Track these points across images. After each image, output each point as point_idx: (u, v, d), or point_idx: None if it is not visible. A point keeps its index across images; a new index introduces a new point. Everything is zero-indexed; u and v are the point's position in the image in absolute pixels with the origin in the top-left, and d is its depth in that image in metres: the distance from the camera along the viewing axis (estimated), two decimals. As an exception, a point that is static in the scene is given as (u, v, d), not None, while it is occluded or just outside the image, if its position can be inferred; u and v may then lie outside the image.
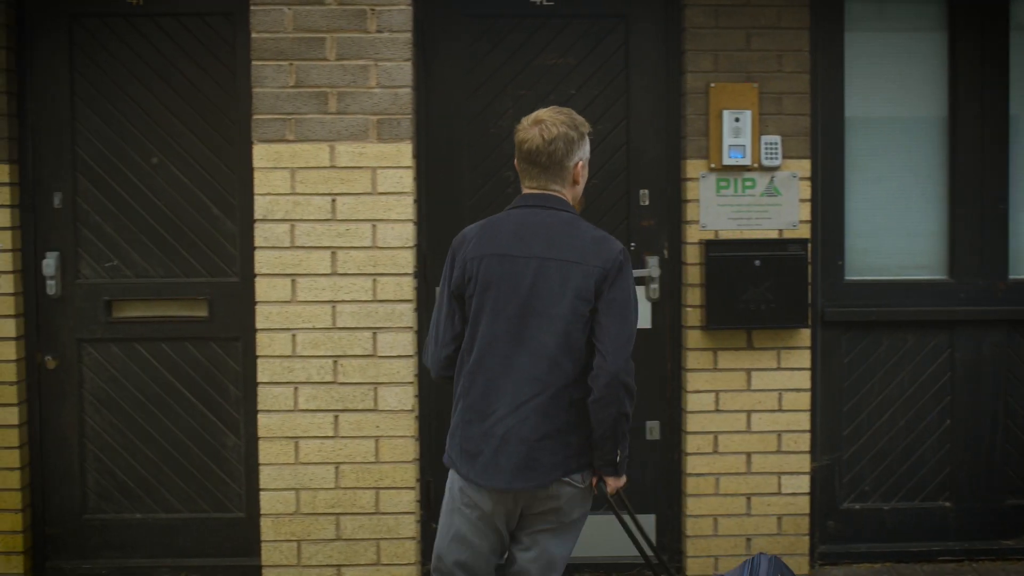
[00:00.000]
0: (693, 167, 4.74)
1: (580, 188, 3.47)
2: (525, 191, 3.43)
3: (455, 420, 3.39)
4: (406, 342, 4.48)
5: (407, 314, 4.47)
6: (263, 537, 4.52)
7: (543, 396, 3.27)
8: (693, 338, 4.77)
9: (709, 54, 4.71)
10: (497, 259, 3.33)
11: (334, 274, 4.46)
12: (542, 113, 3.39)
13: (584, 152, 3.42)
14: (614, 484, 3.38)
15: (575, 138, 3.37)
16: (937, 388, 5.03)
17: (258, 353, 4.48)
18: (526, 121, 3.40)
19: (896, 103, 4.98)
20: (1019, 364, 5.04)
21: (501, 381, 3.31)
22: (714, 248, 4.68)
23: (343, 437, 4.50)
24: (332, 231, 4.45)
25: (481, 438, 3.31)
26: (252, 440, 4.82)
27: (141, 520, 4.94)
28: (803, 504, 4.84)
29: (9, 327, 4.72)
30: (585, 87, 4.87)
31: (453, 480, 3.42)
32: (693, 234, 4.75)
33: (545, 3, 4.85)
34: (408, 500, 4.52)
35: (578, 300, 3.26)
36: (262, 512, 4.52)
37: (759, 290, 4.68)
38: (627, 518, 3.57)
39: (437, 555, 3.47)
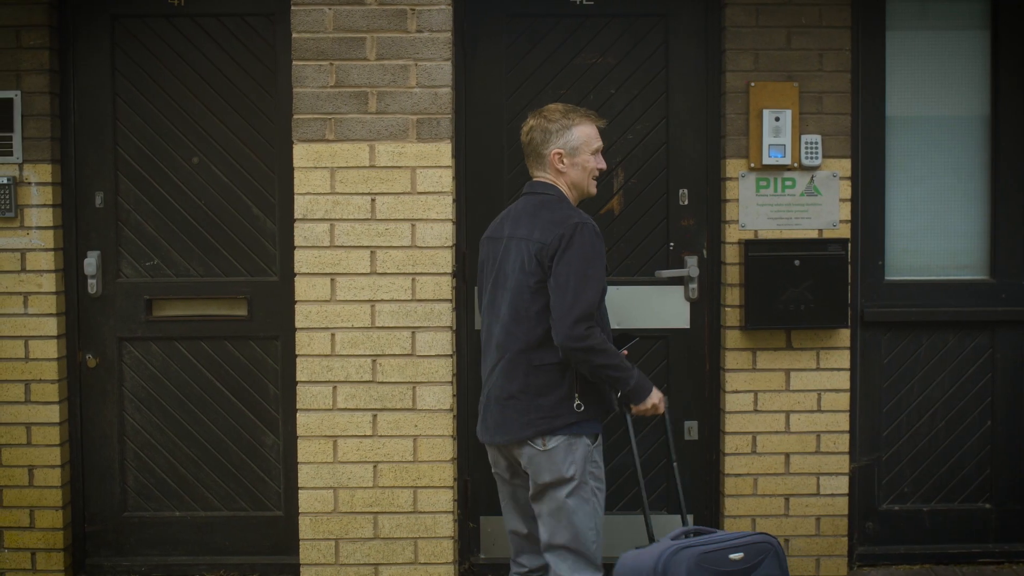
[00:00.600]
0: (733, 166, 4.72)
1: (572, 176, 3.85)
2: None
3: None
4: (444, 341, 4.48)
5: (446, 313, 4.48)
6: (301, 535, 4.54)
7: (504, 360, 3.76)
8: (732, 338, 4.75)
9: (749, 53, 4.69)
10: (487, 241, 3.95)
11: (373, 273, 4.47)
12: (537, 110, 3.91)
13: (563, 143, 3.80)
14: (636, 409, 3.81)
15: (552, 130, 3.80)
16: (978, 389, 4.99)
17: (297, 352, 4.50)
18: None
19: (937, 102, 4.95)
20: (1061, 365, 5.01)
21: (486, 348, 3.88)
22: (753, 248, 4.66)
23: (381, 436, 4.51)
24: (371, 230, 4.46)
25: (482, 400, 3.91)
26: (291, 439, 4.85)
27: (180, 518, 4.97)
28: (842, 505, 4.81)
29: (51, 326, 4.76)
30: (624, 87, 4.86)
31: None
32: (732, 234, 4.73)
33: (585, 2, 4.85)
34: (446, 499, 4.53)
35: (522, 273, 3.70)
36: (300, 511, 4.53)
37: (798, 290, 4.65)
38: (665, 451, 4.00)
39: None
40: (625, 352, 4.03)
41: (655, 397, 3.82)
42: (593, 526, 3.78)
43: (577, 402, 3.73)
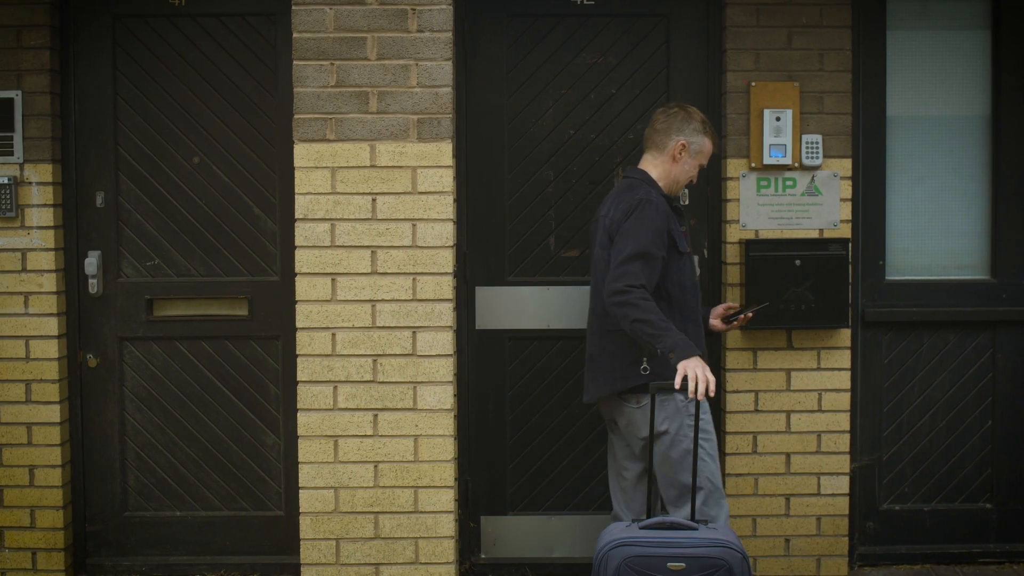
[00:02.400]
0: (733, 166, 4.72)
1: (676, 172, 4.13)
2: None
3: None
4: (445, 341, 4.48)
5: (446, 313, 4.48)
6: (302, 535, 4.54)
7: (591, 325, 4.12)
8: (732, 338, 4.75)
9: (750, 53, 4.69)
10: (592, 222, 4.25)
11: (374, 273, 4.47)
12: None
13: (692, 140, 4.10)
14: (681, 369, 3.73)
15: (691, 126, 4.10)
16: (978, 389, 4.99)
17: (298, 352, 4.50)
18: None
19: (938, 102, 4.95)
20: (1062, 365, 5.01)
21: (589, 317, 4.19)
22: (754, 248, 4.66)
23: (382, 436, 4.51)
24: (372, 230, 4.46)
25: None
26: (291, 438, 4.85)
27: (181, 518, 4.97)
28: (842, 505, 4.81)
29: (51, 326, 4.76)
30: (626, 86, 4.87)
31: None
32: (733, 233, 4.73)
33: (586, 2, 4.85)
34: (446, 499, 4.53)
35: (600, 248, 4.02)
36: (301, 510, 4.53)
37: (799, 290, 4.65)
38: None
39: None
40: (750, 315, 4.35)
41: (695, 364, 3.71)
42: (699, 475, 3.93)
43: (644, 366, 3.96)
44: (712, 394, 3.68)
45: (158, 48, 4.84)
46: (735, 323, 4.43)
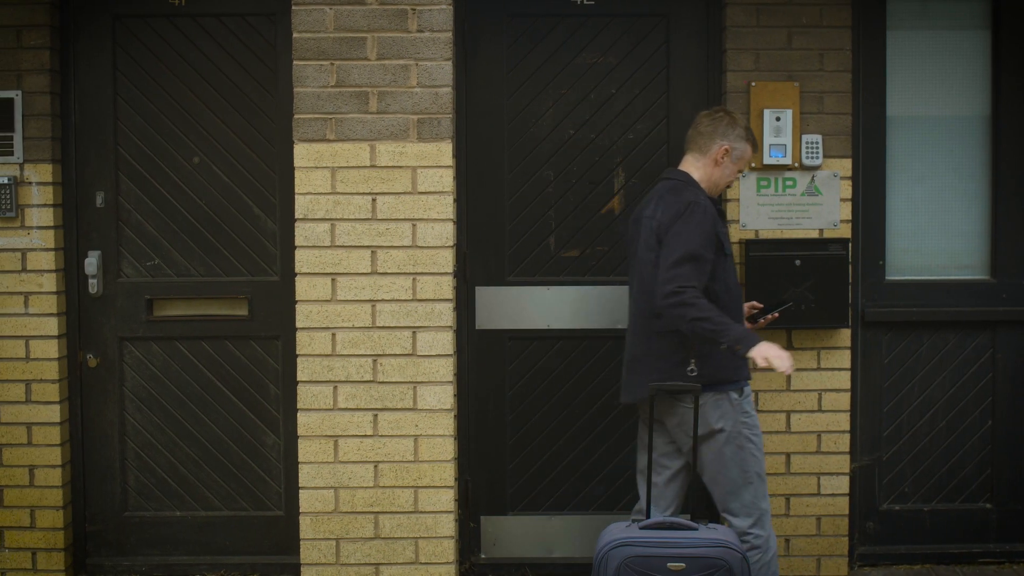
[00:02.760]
0: (733, 166, 4.72)
1: (717, 175, 4.13)
2: None
3: None
4: (445, 341, 4.48)
5: (446, 313, 4.48)
6: (302, 535, 4.54)
7: (634, 325, 4.12)
8: (733, 338, 4.75)
9: (750, 53, 4.69)
10: (631, 222, 4.23)
11: (374, 273, 4.47)
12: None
13: (736, 146, 4.10)
14: (757, 357, 3.80)
15: (736, 132, 4.10)
16: (978, 389, 4.99)
17: (298, 352, 4.49)
18: None
19: (938, 102, 4.95)
20: (1062, 365, 5.01)
21: (628, 317, 4.20)
22: (754, 248, 4.66)
23: (382, 436, 4.51)
24: (372, 230, 4.46)
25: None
26: (291, 438, 4.85)
27: (181, 518, 4.97)
28: (842, 505, 4.81)
29: (51, 326, 4.76)
30: (625, 86, 4.87)
31: None
32: (733, 233, 4.73)
33: (586, 2, 4.85)
34: (446, 499, 4.53)
35: (646, 248, 4.02)
36: (301, 510, 4.53)
37: (799, 290, 4.65)
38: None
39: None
40: (775, 315, 4.38)
41: (767, 349, 3.80)
42: (751, 469, 4.02)
43: (691, 367, 3.97)
44: (792, 369, 3.83)
45: (158, 48, 4.84)
46: (760, 322, 4.44)
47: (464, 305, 4.88)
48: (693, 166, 4.14)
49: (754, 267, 4.65)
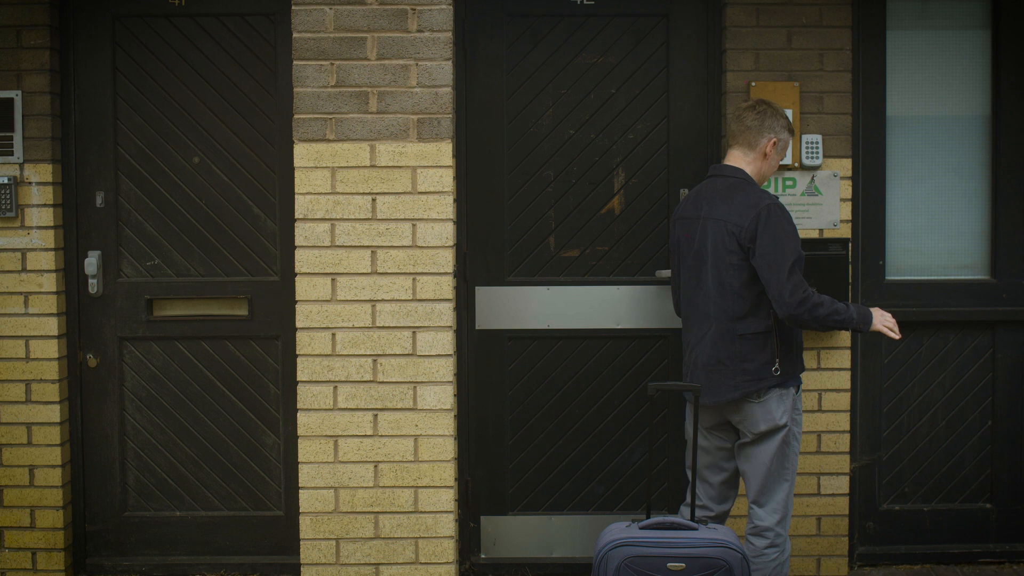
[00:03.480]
0: (733, 166, 4.72)
1: (765, 167, 4.18)
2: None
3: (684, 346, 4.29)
4: (445, 341, 4.48)
5: (446, 313, 4.48)
6: (302, 535, 4.54)
7: (713, 330, 4.08)
8: (733, 338, 4.75)
9: (750, 53, 4.69)
10: (681, 221, 4.22)
11: (374, 273, 4.47)
12: (751, 101, 4.23)
13: (781, 138, 4.15)
14: (877, 327, 4.09)
15: (780, 123, 4.14)
16: (978, 389, 4.99)
17: (298, 352, 4.49)
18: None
19: (938, 102, 4.95)
20: (1062, 365, 5.01)
21: (691, 319, 4.19)
22: (754, 248, 4.66)
23: (382, 436, 4.51)
24: (372, 230, 4.46)
25: (687, 364, 4.21)
26: (291, 438, 4.85)
27: (181, 518, 4.97)
28: (842, 505, 4.81)
29: (51, 325, 4.76)
30: (625, 86, 4.87)
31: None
32: (733, 233, 4.72)
33: (585, 2, 4.85)
34: (446, 499, 4.53)
35: (724, 251, 4.01)
36: (301, 510, 4.53)
37: (799, 290, 4.65)
38: None
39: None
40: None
41: (880, 320, 4.10)
42: (791, 467, 4.14)
43: (776, 367, 4.05)
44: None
45: (158, 48, 4.84)
46: None
47: (464, 305, 4.88)
48: (743, 161, 4.16)
49: (754, 267, 4.65)
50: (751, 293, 4.01)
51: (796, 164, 4.69)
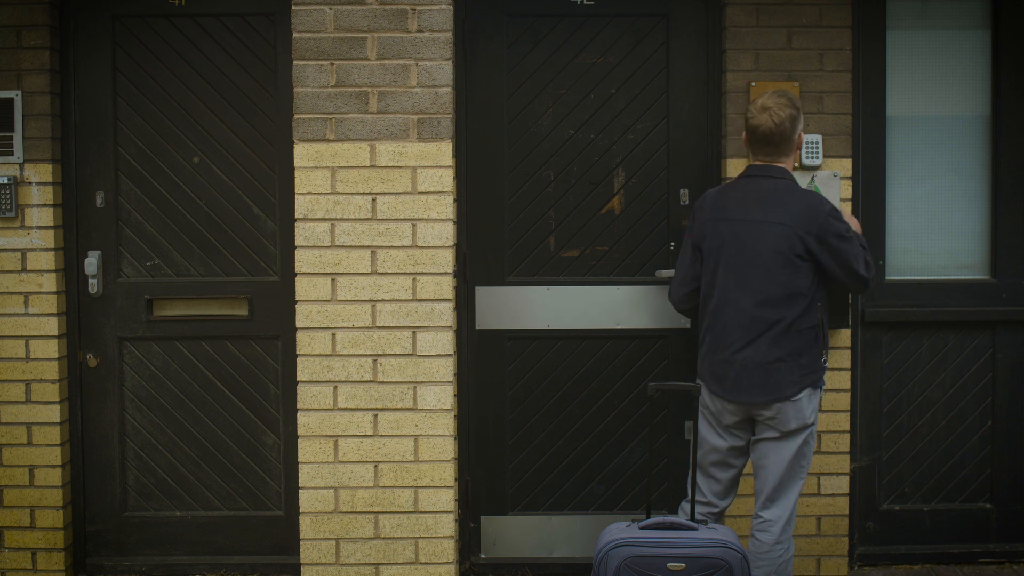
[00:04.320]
0: (734, 166, 4.72)
1: (795, 157, 4.21)
2: (753, 163, 4.16)
3: (704, 348, 4.20)
4: (445, 341, 4.48)
5: (446, 313, 4.48)
6: (302, 535, 4.54)
7: (772, 331, 4.03)
8: (733, 338, 4.75)
9: (750, 53, 4.69)
10: (726, 223, 4.11)
11: (374, 273, 4.47)
12: (767, 100, 4.09)
13: (801, 129, 4.15)
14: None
15: (796, 116, 4.10)
16: (978, 389, 4.99)
17: (298, 352, 4.50)
18: (754, 108, 4.09)
19: (938, 102, 4.95)
20: (1062, 365, 5.01)
21: (735, 321, 4.08)
22: (754, 248, 4.66)
23: (382, 436, 4.51)
24: (372, 230, 4.46)
25: (724, 364, 4.10)
26: (291, 438, 4.85)
27: (181, 518, 4.97)
28: (842, 505, 4.81)
29: (51, 325, 4.76)
30: (625, 86, 4.87)
31: (702, 388, 4.18)
32: (733, 233, 4.72)
33: (585, 2, 4.85)
34: (446, 499, 4.53)
35: (789, 254, 4.00)
36: (301, 510, 4.53)
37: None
38: None
39: (698, 450, 4.23)
40: None
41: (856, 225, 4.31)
42: (806, 466, 4.17)
43: (824, 357, 4.14)
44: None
45: (158, 48, 4.84)
46: None
47: (464, 305, 4.88)
48: (786, 161, 4.15)
49: (754, 267, 4.65)
50: (812, 291, 4.04)
51: (796, 164, 4.69)
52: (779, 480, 4.10)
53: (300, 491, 4.53)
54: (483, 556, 4.99)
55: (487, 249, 4.90)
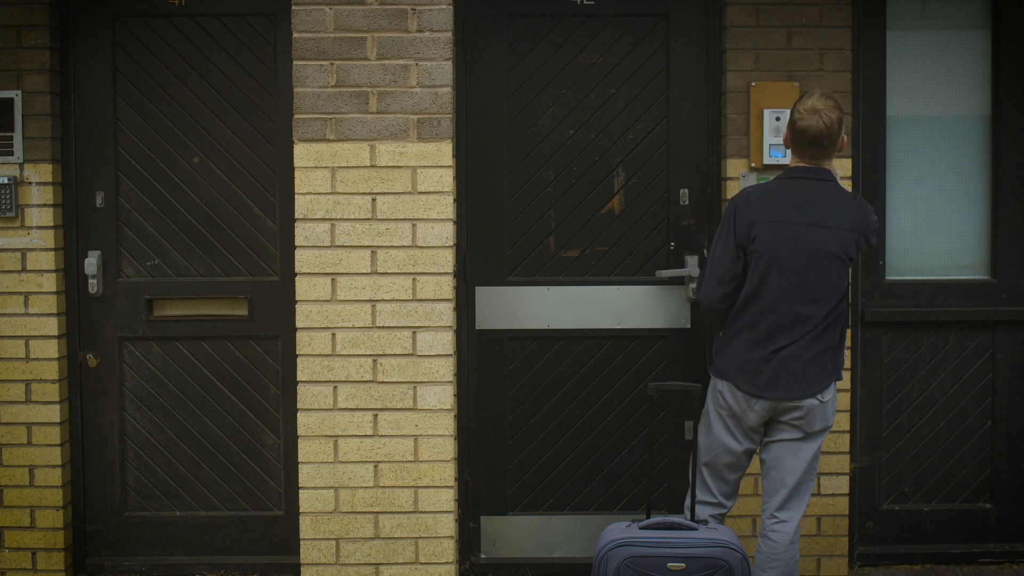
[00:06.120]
0: (733, 166, 4.72)
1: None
2: (797, 164, 4.09)
3: (736, 345, 4.10)
4: (445, 341, 4.48)
5: (446, 313, 4.48)
6: (302, 535, 4.54)
7: (816, 328, 4.01)
8: (733, 338, 4.75)
9: (750, 53, 4.69)
10: (780, 225, 4.01)
11: (374, 273, 4.47)
12: (816, 102, 4.01)
13: (844, 132, 4.10)
14: None
15: (843, 118, 4.05)
16: (978, 389, 4.99)
17: (298, 352, 4.49)
18: (804, 110, 4.01)
19: (938, 102, 4.95)
20: (1062, 365, 5.01)
21: (787, 321, 4.02)
22: (754, 247, 4.66)
23: (382, 436, 4.51)
24: (372, 230, 4.46)
25: (762, 362, 4.03)
26: (291, 438, 4.85)
27: (181, 518, 4.97)
28: (842, 505, 4.81)
29: (51, 325, 4.76)
30: (625, 86, 4.87)
31: (720, 388, 4.14)
32: (733, 233, 4.72)
33: (585, 2, 4.85)
34: (446, 499, 4.53)
35: (846, 257, 4.01)
36: (301, 510, 4.53)
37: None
38: None
39: (707, 452, 4.21)
40: None
41: None
42: (817, 468, 4.17)
43: (847, 346, 4.21)
44: None
45: (158, 48, 4.84)
46: None
47: (464, 305, 4.88)
48: (828, 163, 4.11)
49: (754, 267, 4.65)
50: (846, 287, 4.07)
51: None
52: (796, 482, 4.08)
53: (300, 491, 4.53)
54: (483, 556, 4.99)
55: (487, 249, 4.90)
